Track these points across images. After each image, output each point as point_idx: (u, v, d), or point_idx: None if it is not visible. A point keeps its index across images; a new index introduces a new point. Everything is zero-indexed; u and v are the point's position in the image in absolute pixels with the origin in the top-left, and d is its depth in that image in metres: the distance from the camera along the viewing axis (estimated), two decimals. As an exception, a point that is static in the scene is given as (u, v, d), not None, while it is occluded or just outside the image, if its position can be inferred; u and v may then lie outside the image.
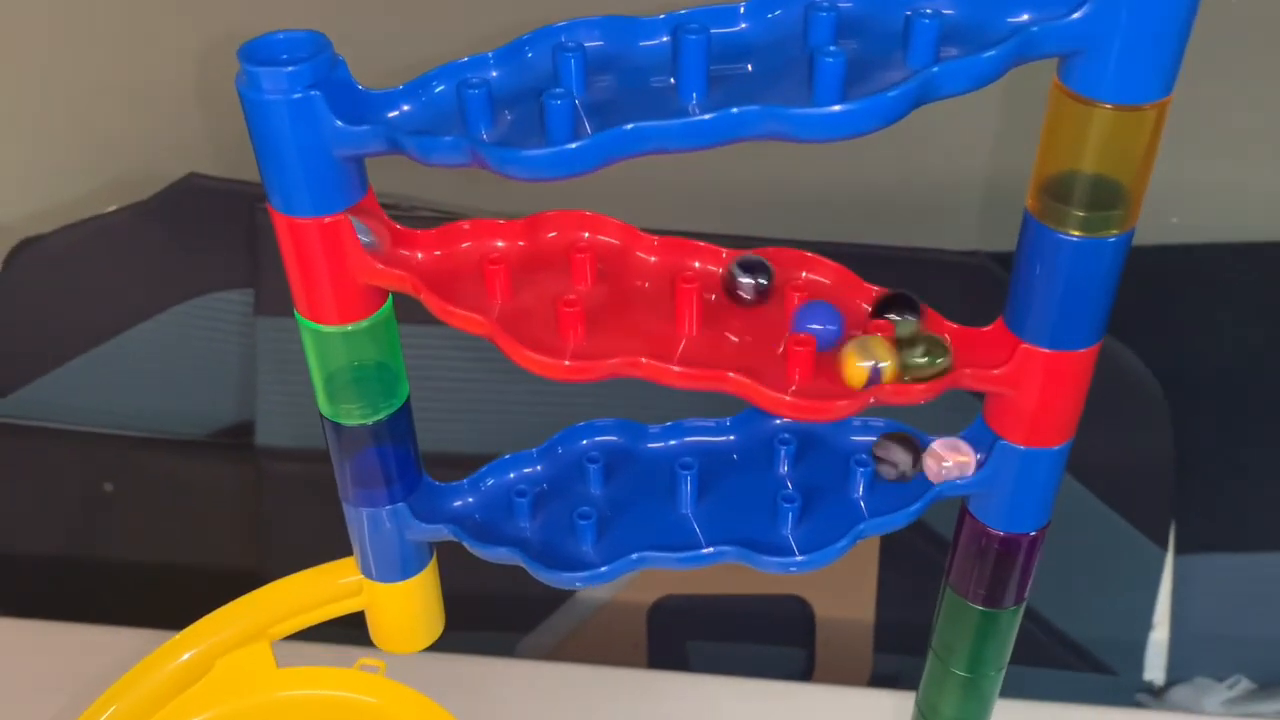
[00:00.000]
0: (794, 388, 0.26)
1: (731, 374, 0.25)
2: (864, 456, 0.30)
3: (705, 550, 0.29)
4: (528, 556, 0.30)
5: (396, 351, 0.29)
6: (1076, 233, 0.24)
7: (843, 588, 0.75)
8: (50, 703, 0.50)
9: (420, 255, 0.27)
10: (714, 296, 0.28)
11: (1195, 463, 0.71)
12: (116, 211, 0.75)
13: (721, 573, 0.75)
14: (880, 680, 0.73)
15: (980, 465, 0.28)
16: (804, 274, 0.28)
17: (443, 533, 0.31)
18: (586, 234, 0.28)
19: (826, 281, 0.28)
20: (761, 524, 0.29)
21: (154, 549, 0.77)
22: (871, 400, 0.26)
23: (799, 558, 0.28)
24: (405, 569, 0.32)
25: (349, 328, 0.27)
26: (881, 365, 0.25)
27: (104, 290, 0.76)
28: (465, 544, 0.30)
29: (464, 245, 0.28)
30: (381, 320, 0.28)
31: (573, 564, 0.30)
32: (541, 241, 0.28)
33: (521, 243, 0.28)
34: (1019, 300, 0.26)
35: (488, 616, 0.67)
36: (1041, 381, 0.26)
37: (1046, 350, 0.26)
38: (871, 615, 0.74)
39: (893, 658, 0.74)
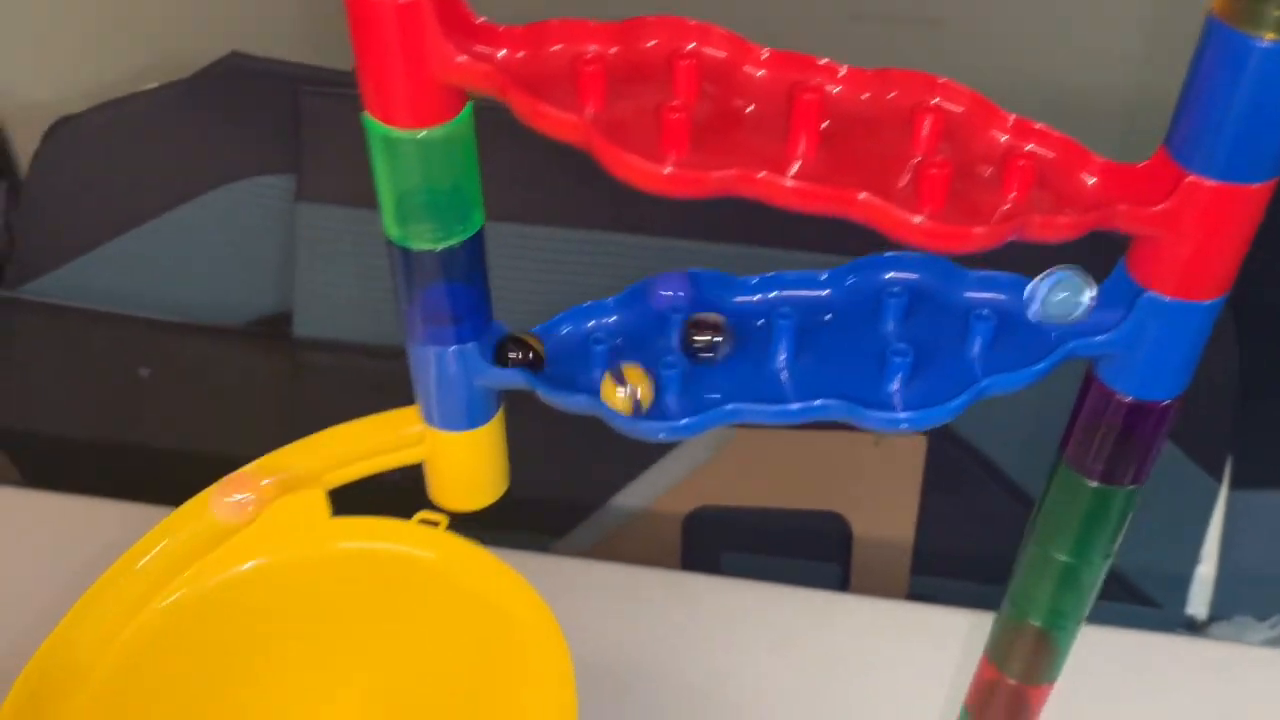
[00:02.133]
0: (927, 213, 0.23)
1: (862, 195, 0.22)
2: (985, 311, 0.27)
3: (803, 404, 0.26)
4: (607, 408, 0.27)
5: (473, 170, 0.26)
6: (1272, 36, 0.21)
7: (883, 507, 0.73)
8: (75, 574, 0.49)
9: (503, 54, 0.24)
10: (827, 123, 0.25)
11: (1259, 394, 0.67)
12: (154, 90, 0.73)
13: (760, 485, 0.73)
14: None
15: (1117, 324, 0.25)
16: (936, 99, 0.25)
17: (515, 379, 0.28)
18: (691, 44, 0.25)
19: (959, 109, 0.25)
20: (866, 380, 0.27)
21: (188, 436, 0.76)
22: (1012, 233, 0.23)
23: (908, 413, 0.26)
24: (471, 418, 0.29)
25: (422, 134, 0.24)
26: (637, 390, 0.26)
27: (141, 171, 0.74)
28: (539, 392, 0.28)
29: (553, 48, 0.25)
30: (459, 129, 0.25)
31: (655, 416, 0.27)
32: (639, 50, 0.25)
33: (614, 50, 0.25)
34: (1188, 124, 0.23)
35: (517, 522, 0.66)
36: (1206, 219, 0.23)
37: (1216, 182, 0.23)
38: (911, 536, 0.73)
39: (930, 580, 0.72)
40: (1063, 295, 0.26)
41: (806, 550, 0.72)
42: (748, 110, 0.25)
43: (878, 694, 0.50)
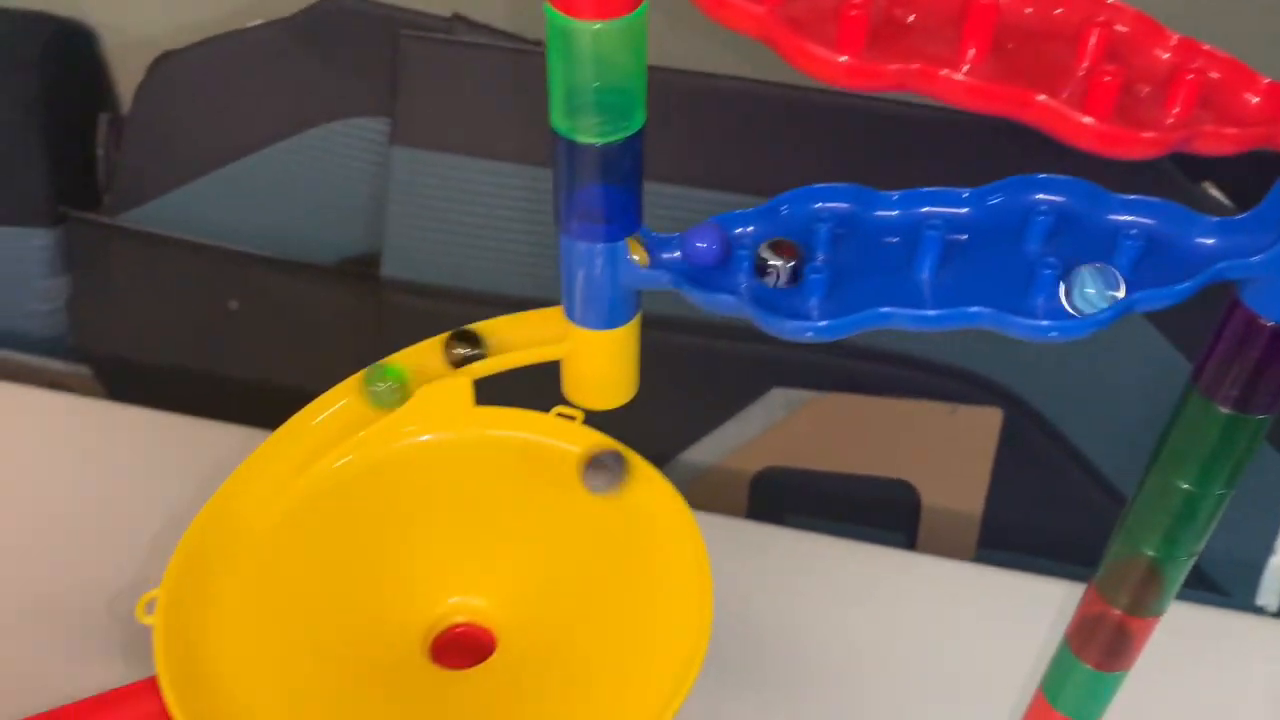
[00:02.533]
0: (1098, 117, 0.23)
1: (1041, 96, 0.23)
2: (1133, 231, 0.27)
3: (949, 310, 0.27)
4: (753, 305, 0.28)
5: (643, 68, 0.27)
6: None
7: (954, 477, 0.73)
8: (182, 490, 0.52)
9: (685, -48, 0.25)
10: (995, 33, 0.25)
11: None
12: (257, 27, 0.74)
13: (831, 449, 0.73)
14: (980, 575, 0.71)
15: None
16: (1102, 17, 0.26)
17: (662, 280, 0.29)
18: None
19: (1124, 28, 0.26)
20: (1012, 292, 0.27)
21: (271, 370, 0.78)
22: (1180, 142, 0.23)
23: (1056, 322, 0.26)
24: (613, 317, 0.30)
25: (599, 26, 0.25)
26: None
27: (241, 107, 0.76)
28: (685, 292, 0.29)
29: (731, -52, 0.25)
30: (635, 24, 0.26)
31: (801, 317, 0.28)
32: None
33: (789, -45, 0.26)
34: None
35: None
36: (1374, 139, 0.23)
37: (1389, 101, 0.23)
38: (980, 508, 0.72)
39: (996, 554, 0.72)
40: (1091, 290, 0.26)
41: (873, 517, 0.73)
42: (909, 20, 0.26)
43: (945, 650, 0.50)
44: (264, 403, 0.76)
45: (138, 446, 0.56)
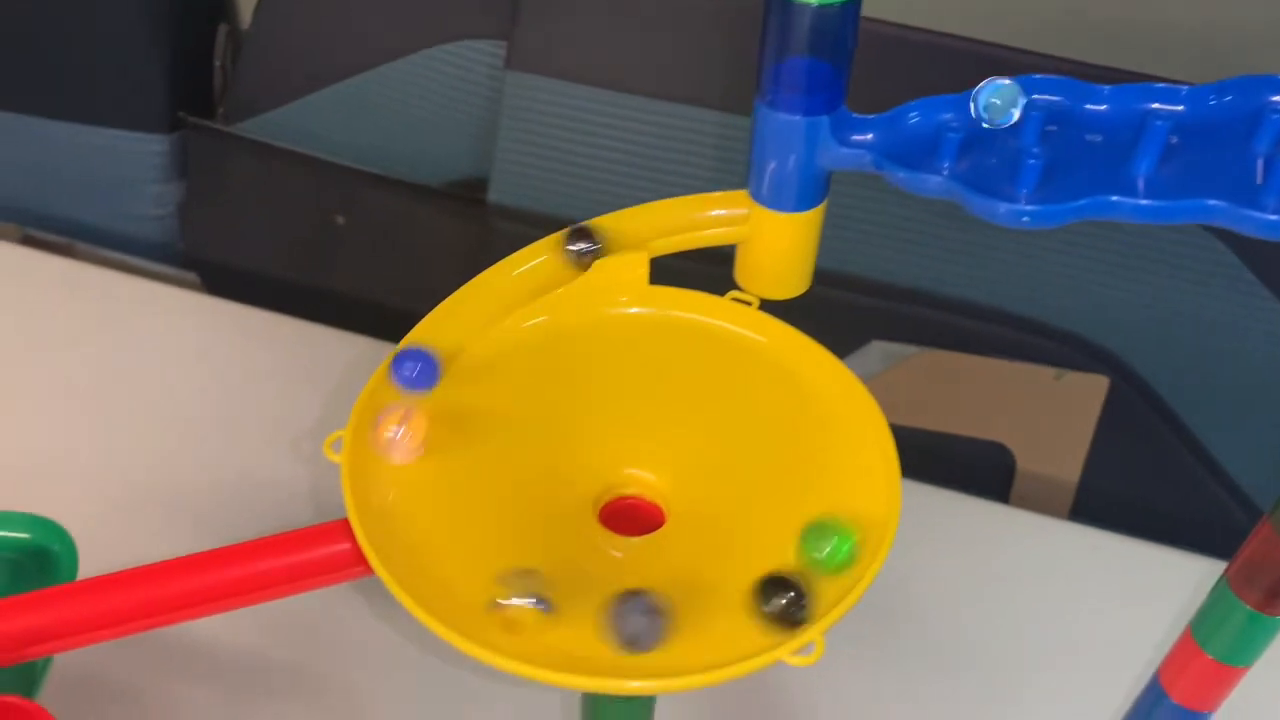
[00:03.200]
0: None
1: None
2: (1379, 132, 0.26)
3: (1173, 202, 0.26)
4: (962, 187, 0.27)
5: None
6: None
7: (1052, 442, 0.71)
8: (317, 393, 0.52)
9: None
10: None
11: None
12: (379, -57, 0.74)
13: (928, 406, 0.72)
14: (1070, 546, 0.69)
15: None
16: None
17: (863, 160, 0.28)
18: None
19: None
20: (1241, 188, 0.26)
21: (371, 287, 0.78)
22: None
23: (1294, 218, 0.25)
24: (801, 198, 0.29)
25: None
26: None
27: (357, 25, 0.76)
28: (887, 174, 0.28)
29: None
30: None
31: (1013, 201, 0.27)
32: None
33: None
34: None
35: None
36: None
37: None
38: (1076, 477, 0.71)
39: (1087, 525, 0.71)
40: (997, 101, 0.27)
41: (965, 477, 0.71)
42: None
43: (1054, 607, 0.49)
44: (363, 318, 0.76)
45: (275, 342, 0.57)
